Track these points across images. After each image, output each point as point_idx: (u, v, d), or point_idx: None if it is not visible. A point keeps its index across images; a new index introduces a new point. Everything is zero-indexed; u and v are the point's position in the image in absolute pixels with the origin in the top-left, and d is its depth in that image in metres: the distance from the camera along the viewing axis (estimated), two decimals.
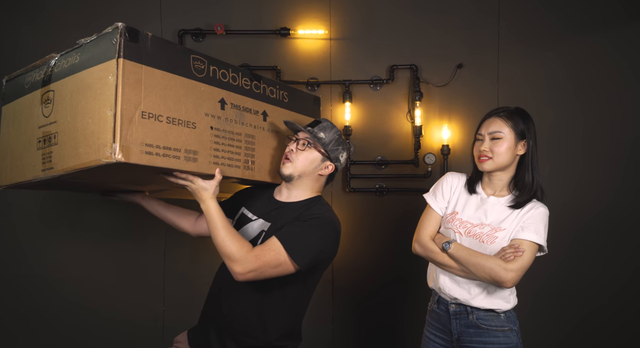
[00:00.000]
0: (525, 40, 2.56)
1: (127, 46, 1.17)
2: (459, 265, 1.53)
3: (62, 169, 1.27)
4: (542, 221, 1.51)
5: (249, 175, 1.52)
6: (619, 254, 2.55)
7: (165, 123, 1.25)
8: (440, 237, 1.61)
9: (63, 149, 1.27)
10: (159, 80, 1.25)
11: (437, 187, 1.69)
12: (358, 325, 2.61)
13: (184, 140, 1.30)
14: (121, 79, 1.15)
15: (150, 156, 1.21)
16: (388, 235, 2.58)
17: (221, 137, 1.42)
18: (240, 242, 1.35)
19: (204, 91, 1.38)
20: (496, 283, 1.46)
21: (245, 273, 1.33)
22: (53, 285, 2.54)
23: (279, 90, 1.68)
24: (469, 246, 1.53)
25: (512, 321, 1.56)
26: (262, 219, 1.53)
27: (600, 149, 2.55)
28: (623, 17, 2.54)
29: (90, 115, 1.19)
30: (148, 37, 1.23)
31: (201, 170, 1.35)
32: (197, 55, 1.38)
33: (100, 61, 1.19)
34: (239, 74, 1.51)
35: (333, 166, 1.55)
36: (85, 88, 1.21)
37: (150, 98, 1.22)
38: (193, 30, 2.52)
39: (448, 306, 1.60)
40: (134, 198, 1.78)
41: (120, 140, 1.14)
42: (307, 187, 1.54)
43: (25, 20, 2.52)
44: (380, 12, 2.57)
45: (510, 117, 1.56)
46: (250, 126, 1.53)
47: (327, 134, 1.52)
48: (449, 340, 1.60)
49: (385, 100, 2.58)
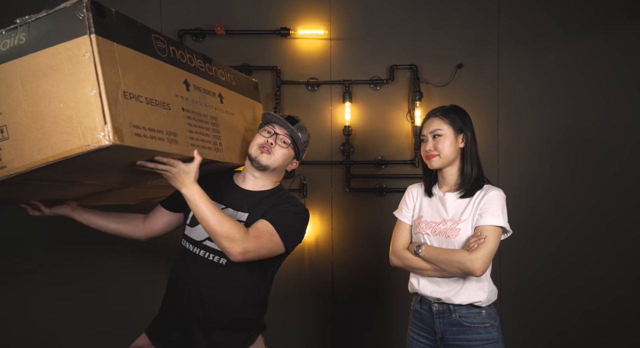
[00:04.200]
0: (525, 41, 2.57)
1: (96, 21, 1.06)
2: (432, 266, 1.58)
3: (24, 165, 1.11)
4: (498, 203, 1.56)
5: (219, 157, 1.48)
6: (613, 254, 2.56)
7: (145, 104, 1.17)
8: (413, 244, 1.68)
9: (21, 142, 1.11)
10: (131, 59, 1.16)
11: (402, 202, 1.79)
12: (357, 324, 2.61)
13: (163, 121, 1.23)
14: (98, 56, 1.04)
15: (140, 138, 1.12)
16: (387, 235, 2.57)
17: (192, 119, 1.36)
18: (236, 223, 1.35)
19: (170, 71, 1.31)
20: (468, 275, 1.52)
21: (246, 252, 1.34)
22: (48, 287, 2.54)
23: (227, 73, 1.64)
24: (438, 244, 1.60)
25: (493, 317, 1.60)
26: (231, 208, 1.53)
27: (599, 149, 2.56)
28: (621, 18, 2.55)
29: (62, 100, 1.07)
30: (112, 12, 1.13)
31: (182, 152, 1.29)
32: (157, 34, 1.30)
33: (64, 39, 1.07)
34: (193, 55, 1.45)
35: (297, 163, 1.64)
36: (47, 70, 1.08)
37: (127, 77, 1.13)
38: (193, 30, 2.52)
39: (431, 305, 1.63)
40: (62, 210, 1.59)
41: (112, 121, 1.04)
42: (274, 178, 1.60)
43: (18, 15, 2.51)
44: (380, 12, 2.57)
45: (447, 114, 1.64)
46: (212, 108, 1.49)
47: (303, 135, 1.58)
48: (432, 339, 1.64)
49: (385, 100, 2.59)
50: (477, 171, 1.63)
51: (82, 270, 2.55)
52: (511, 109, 2.57)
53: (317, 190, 2.57)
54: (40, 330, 2.53)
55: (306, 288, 2.60)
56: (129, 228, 1.68)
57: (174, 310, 1.56)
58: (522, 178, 2.57)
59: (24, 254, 2.54)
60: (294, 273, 2.56)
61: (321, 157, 2.55)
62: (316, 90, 2.58)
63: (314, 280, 2.60)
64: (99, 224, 1.64)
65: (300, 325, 2.62)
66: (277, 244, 1.42)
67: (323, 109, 2.59)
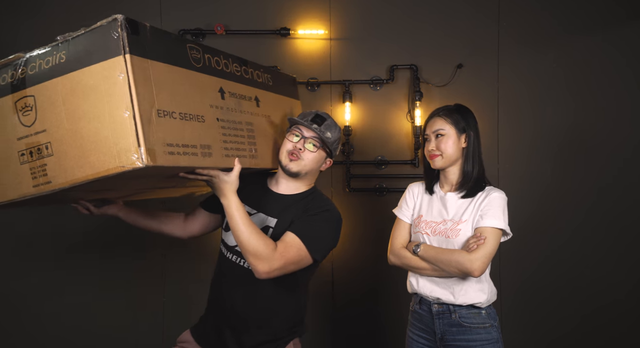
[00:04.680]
0: (525, 41, 2.56)
1: (131, 40, 1.06)
2: (430, 266, 1.57)
3: (67, 182, 1.15)
4: (499, 205, 1.55)
5: (254, 164, 1.47)
6: (614, 254, 2.55)
7: (179, 119, 1.18)
8: (411, 243, 1.67)
9: (64, 159, 1.14)
10: (166, 75, 1.17)
11: (402, 199, 1.77)
12: (357, 324, 2.61)
13: (197, 135, 1.23)
14: (132, 76, 1.05)
15: (173, 156, 1.13)
16: (387, 235, 2.57)
17: (227, 128, 1.35)
18: (265, 240, 1.33)
19: (204, 81, 1.31)
20: (466, 275, 1.51)
21: (271, 271, 1.32)
22: (49, 290, 2.53)
23: (264, 74, 1.62)
24: (438, 244, 1.59)
25: (492, 317, 1.60)
26: (262, 213, 1.53)
27: (599, 149, 2.55)
28: (622, 17, 2.54)
29: (99, 120, 1.08)
30: (147, 28, 1.13)
31: (217, 164, 1.29)
32: (192, 43, 1.31)
33: (101, 59, 1.07)
34: (229, 60, 1.44)
35: (331, 161, 1.60)
36: (87, 89, 1.10)
37: (161, 94, 1.13)
38: (193, 30, 2.52)
39: (430, 306, 1.63)
40: (110, 210, 1.65)
41: (145, 144, 1.05)
42: (308, 181, 1.58)
43: (25, 19, 2.52)
44: (380, 13, 2.57)
45: (450, 114, 1.63)
46: (247, 113, 1.47)
47: (333, 133, 1.53)
48: (432, 340, 1.63)
49: (385, 100, 2.59)
50: (479, 171, 1.62)
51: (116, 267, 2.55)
52: (511, 108, 2.57)
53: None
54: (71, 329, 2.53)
55: None
56: (171, 227, 1.72)
57: (211, 312, 1.59)
58: (522, 178, 2.56)
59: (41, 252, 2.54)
60: None
61: None
62: (316, 90, 2.58)
63: (314, 280, 2.57)
64: (143, 224, 1.69)
65: None
66: (305, 258, 1.40)
67: (323, 109, 2.57)
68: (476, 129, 1.63)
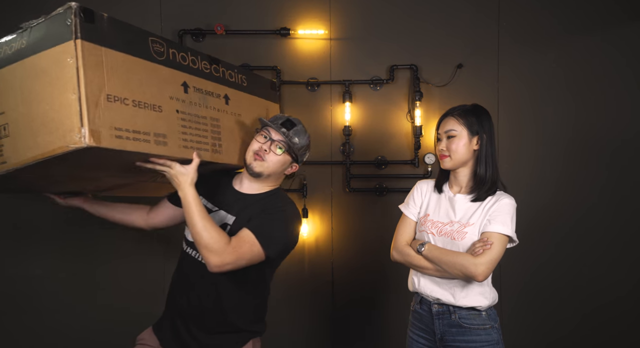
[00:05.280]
0: (525, 41, 2.56)
1: (83, 27, 1.10)
2: (434, 266, 1.57)
3: (19, 162, 1.19)
4: (508, 212, 1.54)
5: (217, 158, 1.51)
6: (612, 253, 2.56)
7: (131, 106, 1.21)
8: (416, 241, 1.65)
9: (17, 140, 1.19)
10: (120, 63, 1.20)
11: (409, 196, 1.75)
12: (358, 324, 2.61)
13: (151, 123, 1.26)
14: (81, 60, 1.09)
15: (121, 140, 1.17)
16: (388, 235, 2.57)
17: (187, 120, 1.38)
18: (219, 233, 1.36)
19: (165, 74, 1.34)
20: (469, 279, 1.50)
21: (223, 265, 1.35)
22: (51, 283, 2.54)
23: (238, 74, 1.66)
24: (442, 245, 1.58)
25: (492, 319, 1.59)
26: (223, 211, 1.55)
27: (599, 148, 2.56)
28: (622, 17, 2.54)
29: (48, 102, 1.13)
30: (104, 17, 1.17)
31: (173, 154, 1.32)
32: (156, 37, 1.33)
33: (54, 44, 1.12)
34: (197, 57, 1.48)
35: (297, 167, 1.62)
36: (39, 73, 1.14)
37: (113, 81, 1.16)
38: (193, 30, 2.52)
39: (431, 306, 1.63)
40: (75, 202, 1.73)
41: (89, 124, 1.09)
42: (271, 182, 1.59)
43: (25, 19, 2.51)
44: (380, 12, 2.57)
45: (463, 115, 1.60)
46: (214, 109, 1.51)
47: (301, 139, 1.55)
48: (432, 340, 1.63)
49: (385, 100, 2.59)
50: (492, 175, 1.59)
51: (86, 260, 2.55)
52: (511, 108, 2.57)
53: (317, 190, 2.57)
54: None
55: (306, 289, 2.60)
56: (133, 218, 1.75)
57: (168, 307, 1.61)
58: (522, 178, 2.56)
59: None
60: (294, 273, 2.57)
61: (321, 157, 2.55)
62: (316, 90, 2.58)
63: (314, 281, 2.60)
64: (105, 214, 1.74)
65: (300, 325, 2.62)
66: (257, 254, 1.41)
67: (323, 109, 2.59)
68: (491, 132, 1.60)
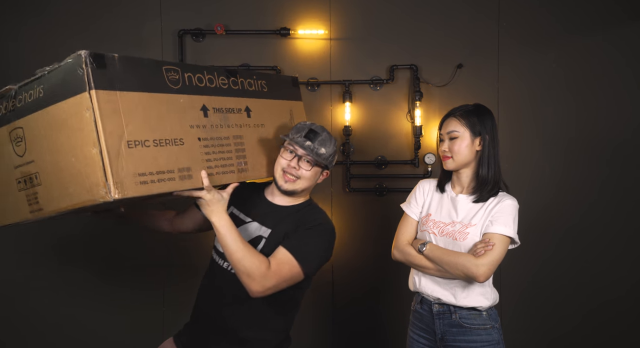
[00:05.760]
0: (525, 41, 2.56)
1: (96, 75, 1.06)
2: (435, 266, 1.56)
3: (53, 210, 1.19)
4: (511, 213, 1.53)
5: (244, 177, 1.47)
6: (613, 251, 2.56)
7: (152, 147, 1.17)
8: (417, 241, 1.64)
9: (49, 189, 1.18)
10: (137, 103, 1.16)
11: (411, 195, 1.74)
12: (358, 324, 2.61)
13: (174, 159, 1.22)
14: (98, 112, 1.05)
15: (146, 185, 1.14)
16: (388, 235, 2.57)
17: (210, 146, 1.34)
18: (258, 258, 1.31)
19: (184, 103, 1.29)
20: (470, 279, 1.49)
21: (265, 290, 1.30)
22: (46, 294, 2.54)
23: (257, 81, 1.59)
24: (444, 245, 1.57)
25: (493, 319, 1.59)
26: (256, 222, 1.51)
27: (599, 148, 2.55)
28: (622, 17, 2.54)
29: (72, 154, 1.10)
30: (115, 59, 1.12)
31: (198, 185, 1.28)
32: (169, 65, 1.29)
33: (70, 95, 1.09)
34: (214, 75, 1.42)
35: (328, 173, 1.57)
36: (60, 124, 1.12)
37: (132, 125, 1.13)
38: (193, 30, 2.52)
39: (431, 306, 1.62)
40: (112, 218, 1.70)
41: (113, 177, 1.07)
42: (304, 194, 1.55)
43: (26, 21, 2.52)
44: (380, 12, 2.57)
45: (465, 115, 1.59)
46: (236, 127, 1.46)
47: (328, 148, 1.48)
48: (432, 340, 1.63)
49: (385, 100, 2.59)
50: (494, 176, 1.58)
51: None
52: (511, 108, 2.57)
53: (317, 190, 2.55)
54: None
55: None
56: (159, 222, 1.75)
57: (197, 320, 1.56)
58: (522, 178, 2.56)
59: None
60: None
61: None
62: (316, 90, 2.58)
63: (314, 281, 2.58)
64: (137, 219, 1.73)
65: (300, 325, 2.61)
66: (297, 274, 1.37)
67: (323, 109, 2.59)
68: (493, 132, 1.59)
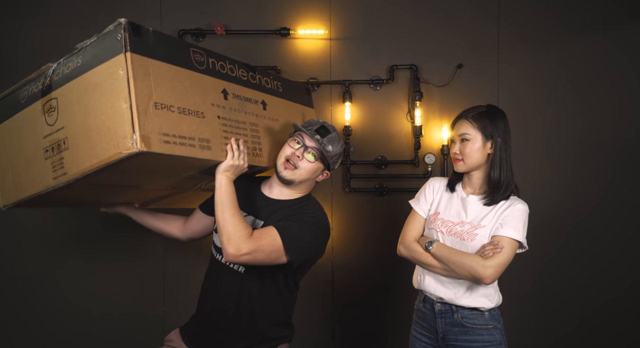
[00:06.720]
0: (525, 40, 2.56)
1: (132, 40, 1.18)
2: (441, 264, 1.56)
3: (78, 172, 1.27)
4: (521, 218, 1.53)
5: (258, 162, 1.56)
6: (614, 251, 2.56)
7: (177, 113, 1.28)
8: (424, 238, 1.64)
9: (76, 151, 1.27)
10: (165, 73, 1.27)
11: (421, 192, 1.74)
12: (358, 324, 2.61)
13: (196, 129, 1.32)
14: (131, 71, 1.16)
15: (169, 145, 1.23)
16: (388, 235, 2.58)
17: (228, 126, 1.45)
18: (243, 224, 1.36)
19: (206, 82, 1.41)
20: (476, 280, 1.49)
21: (239, 255, 1.33)
22: (51, 285, 2.55)
23: (273, 81, 1.73)
24: (451, 245, 1.57)
25: (496, 319, 1.59)
26: (252, 216, 1.54)
27: (600, 149, 2.55)
28: (624, 17, 2.53)
29: (103, 112, 1.20)
30: (149, 31, 1.25)
31: (215, 158, 1.38)
32: (196, 48, 1.41)
33: (107, 58, 1.20)
34: (235, 66, 1.56)
35: (328, 174, 1.59)
36: (94, 87, 1.22)
37: (160, 89, 1.24)
38: (193, 30, 2.52)
39: (434, 305, 1.62)
40: (120, 209, 1.81)
41: (140, 130, 1.15)
42: (302, 189, 1.57)
43: (25, 19, 2.52)
44: (381, 12, 2.57)
45: (478, 118, 1.58)
46: (252, 115, 1.57)
47: (335, 147, 1.52)
48: (434, 339, 1.63)
49: (385, 100, 2.58)
50: (507, 179, 1.57)
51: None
52: (512, 108, 2.55)
53: (316, 190, 2.56)
54: None
55: (306, 289, 2.59)
56: (171, 228, 1.80)
57: (200, 313, 1.61)
58: (522, 177, 2.54)
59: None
60: None
61: None
62: (316, 90, 2.58)
63: (315, 281, 2.60)
64: (147, 222, 1.80)
65: (301, 325, 2.61)
66: (277, 252, 1.37)
67: (323, 109, 2.59)
68: (505, 135, 1.57)
